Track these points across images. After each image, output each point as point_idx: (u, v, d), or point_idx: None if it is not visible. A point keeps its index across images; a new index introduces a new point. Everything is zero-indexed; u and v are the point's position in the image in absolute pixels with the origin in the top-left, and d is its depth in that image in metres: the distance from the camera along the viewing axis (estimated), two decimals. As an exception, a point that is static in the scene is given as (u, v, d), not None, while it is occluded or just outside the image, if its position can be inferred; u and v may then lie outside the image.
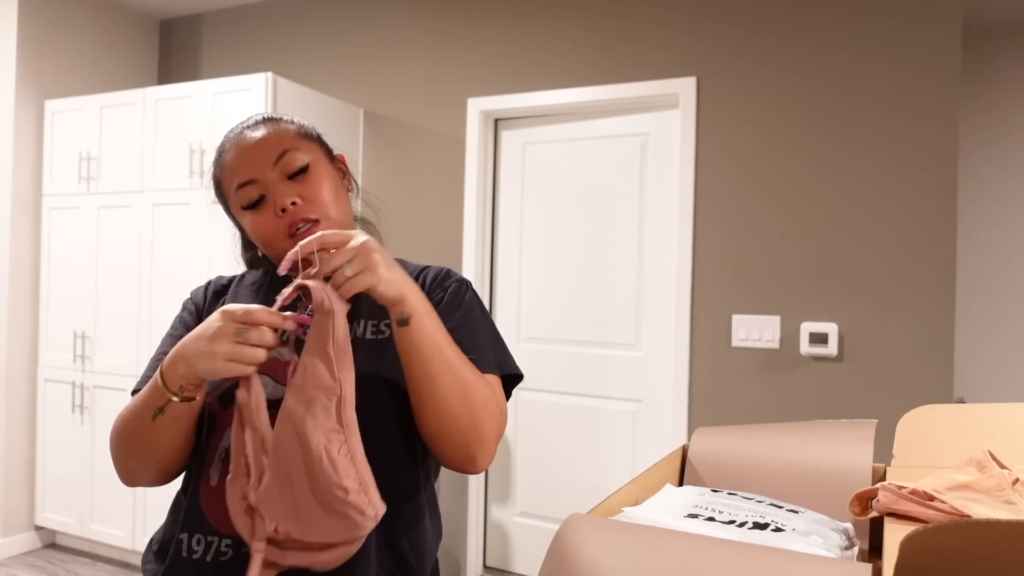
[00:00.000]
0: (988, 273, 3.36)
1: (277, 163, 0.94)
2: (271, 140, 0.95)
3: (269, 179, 0.94)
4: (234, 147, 0.97)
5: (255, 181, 0.94)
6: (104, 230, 3.15)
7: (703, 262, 2.65)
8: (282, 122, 1.00)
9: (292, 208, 0.92)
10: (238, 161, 0.95)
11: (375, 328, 0.94)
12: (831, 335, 2.44)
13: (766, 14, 2.57)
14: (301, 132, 1.00)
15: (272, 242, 0.94)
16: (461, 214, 3.06)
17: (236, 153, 0.96)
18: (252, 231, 0.96)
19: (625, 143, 2.86)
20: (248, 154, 0.95)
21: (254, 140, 0.96)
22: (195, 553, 0.87)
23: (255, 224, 0.95)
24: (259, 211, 0.94)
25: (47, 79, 3.33)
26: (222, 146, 1.00)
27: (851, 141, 2.45)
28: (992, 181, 3.37)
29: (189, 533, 0.88)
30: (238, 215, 0.98)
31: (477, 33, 3.06)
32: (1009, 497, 0.69)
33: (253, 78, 2.84)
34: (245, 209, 0.95)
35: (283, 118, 1.01)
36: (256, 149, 0.95)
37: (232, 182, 0.96)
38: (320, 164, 0.97)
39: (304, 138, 0.99)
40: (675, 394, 2.67)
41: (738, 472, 0.97)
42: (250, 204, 0.94)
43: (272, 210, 0.93)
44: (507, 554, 3.05)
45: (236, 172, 0.95)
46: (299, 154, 0.95)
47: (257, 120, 1.00)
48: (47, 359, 3.27)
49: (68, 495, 3.22)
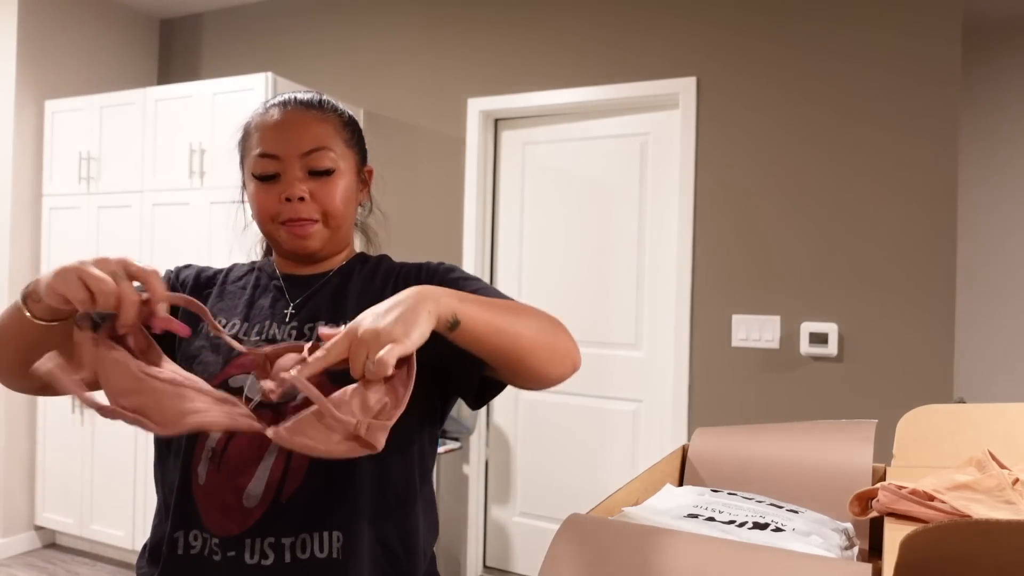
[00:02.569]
0: (988, 273, 3.36)
1: (307, 155, 0.94)
2: (313, 132, 0.95)
3: (291, 165, 0.94)
4: (279, 115, 0.96)
5: (278, 159, 0.94)
6: (104, 230, 3.15)
7: (703, 262, 2.65)
8: (334, 116, 0.99)
9: (298, 202, 0.93)
10: (274, 131, 0.95)
11: None
12: (831, 335, 2.44)
13: (766, 14, 2.57)
14: (345, 137, 0.99)
15: (265, 219, 0.96)
16: (461, 214, 3.06)
17: (276, 123, 0.95)
18: (252, 198, 0.97)
19: (625, 143, 2.86)
20: (285, 130, 0.95)
21: (299, 120, 0.95)
22: (192, 549, 0.87)
23: (258, 194, 0.95)
24: (268, 185, 0.95)
25: (47, 79, 3.33)
26: (270, 104, 0.99)
27: (851, 141, 2.45)
28: (992, 181, 3.36)
29: (184, 531, 0.87)
30: (248, 177, 0.98)
31: (477, 33, 3.06)
32: (1009, 497, 0.69)
33: (253, 78, 2.84)
34: (255, 176, 0.95)
35: (338, 111, 1.00)
36: (295, 131, 0.94)
37: (258, 146, 0.95)
38: (345, 174, 0.97)
39: (345, 143, 0.99)
40: (675, 394, 2.67)
41: (738, 472, 0.97)
42: (263, 176, 0.95)
43: (279, 191, 0.94)
44: (507, 554, 3.05)
45: (265, 140, 0.95)
46: (331, 155, 0.95)
47: (314, 100, 0.99)
48: (47, 359, 3.27)
49: (68, 495, 3.22)
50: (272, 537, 0.85)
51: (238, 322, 0.96)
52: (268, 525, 0.85)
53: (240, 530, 0.85)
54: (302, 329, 0.94)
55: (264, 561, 0.85)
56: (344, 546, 0.87)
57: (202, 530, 0.87)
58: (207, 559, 0.86)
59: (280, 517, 0.86)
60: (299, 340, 0.91)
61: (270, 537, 0.85)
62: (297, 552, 0.86)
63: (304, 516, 0.86)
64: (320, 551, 0.86)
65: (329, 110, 0.99)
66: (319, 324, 0.94)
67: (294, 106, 0.97)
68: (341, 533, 0.87)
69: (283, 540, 0.85)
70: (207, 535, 0.86)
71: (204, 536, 0.86)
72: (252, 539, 0.85)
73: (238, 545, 0.85)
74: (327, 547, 0.87)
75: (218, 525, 0.85)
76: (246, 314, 0.97)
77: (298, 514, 0.86)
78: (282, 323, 0.95)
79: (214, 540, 0.86)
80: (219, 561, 0.85)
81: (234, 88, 2.87)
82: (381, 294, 0.96)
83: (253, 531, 0.85)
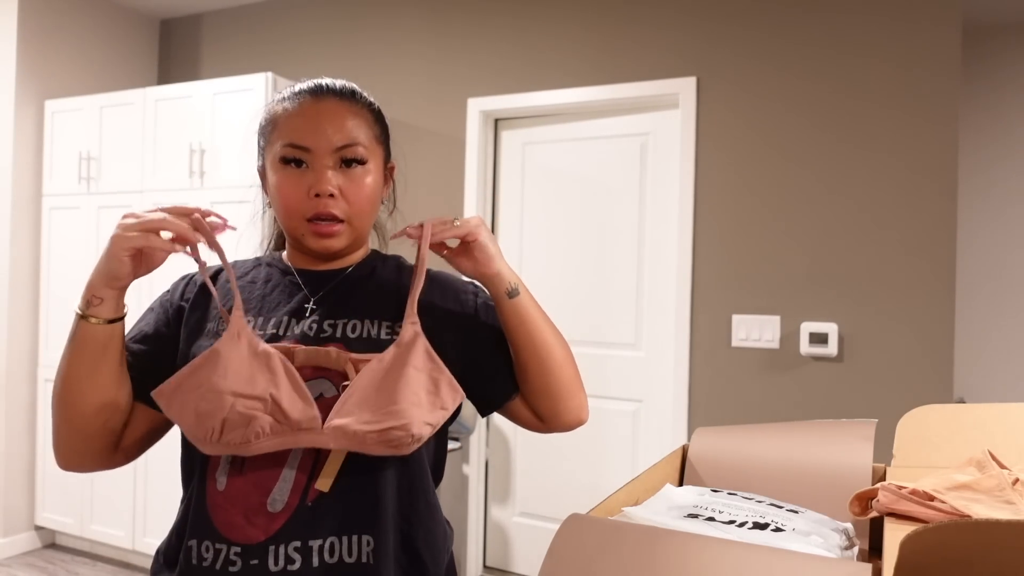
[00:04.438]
0: (988, 273, 3.36)
1: (339, 150, 0.90)
2: (348, 127, 0.91)
3: (323, 159, 0.90)
4: (311, 104, 0.92)
5: (309, 151, 0.89)
6: (104, 230, 3.15)
7: (703, 262, 2.65)
8: (367, 111, 0.95)
9: (328, 199, 0.89)
10: (305, 123, 0.90)
11: (389, 329, 0.92)
12: (831, 335, 2.44)
13: (766, 14, 2.57)
14: (376, 132, 0.96)
15: (290, 214, 0.91)
16: (461, 214, 3.06)
17: (309, 114, 0.91)
18: (276, 188, 0.92)
19: (625, 143, 2.86)
20: (318, 123, 0.90)
21: (333, 112, 0.91)
22: (205, 560, 0.84)
23: (283, 185, 0.90)
24: (294, 175, 0.90)
25: (47, 79, 3.33)
26: (301, 90, 0.94)
27: (851, 141, 2.45)
28: (992, 181, 3.37)
29: (198, 540, 0.85)
30: (271, 166, 0.93)
31: (477, 33, 3.06)
32: (1009, 497, 0.69)
33: (253, 78, 2.84)
34: (282, 162, 0.91)
35: (371, 104, 0.98)
36: (330, 124, 0.90)
37: (287, 136, 0.90)
38: (373, 172, 0.94)
39: (376, 139, 0.95)
40: (675, 394, 2.67)
41: (738, 472, 0.97)
42: (292, 160, 0.90)
43: (308, 184, 0.89)
44: (507, 554, 3.05)
45: (296, 131, 0.90)
46: (362, 151, 0.92)
47: (346, 90, 0.95)
48: (47, 359, 3.27)
49: (68, 495, 3.22)
50: (298, 541, 0.83)
51: (251, 318, 0.93)
52: (294, 530, 0.83)
53: (265, 536, 0.83)
54: (323, 324, 0.91)
55: (290, 566, 0.82)
56: (375, 550, 0.85)
57: (217, 540, 0.84)
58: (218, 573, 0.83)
59: (307, 521, 0.83)
60: (320, 335, 0.91)
61: (296, 542, 0.83)
62: (325, 556, 0.84)
63: (333, 520, 0.84)
64: (349, 556, 0.85)
65: (363, 103, 0.96)
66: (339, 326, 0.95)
67: (327, 95, 0.92)
68: (371, 537, 0.85)
69: (311, 543, 0.83)
70: (223, 544, 0.83)
71: (218, 547, 0.84)
72: (277, 545, 0.82)
73: (261, 552, 0.82)
74: (356, 551, 0.85)
75: (240, 532, 0.83)
76: (259, 307, 0.94)
77: (326, 518, 0.84)
78: (302, 318, 0.92)
79: (234, 549, 0.83)
80: (238, 571, 0.82)
81: (234, 88, 2.87)
82: (398, 293, 0.95)
83: (278, 537, 0.83)
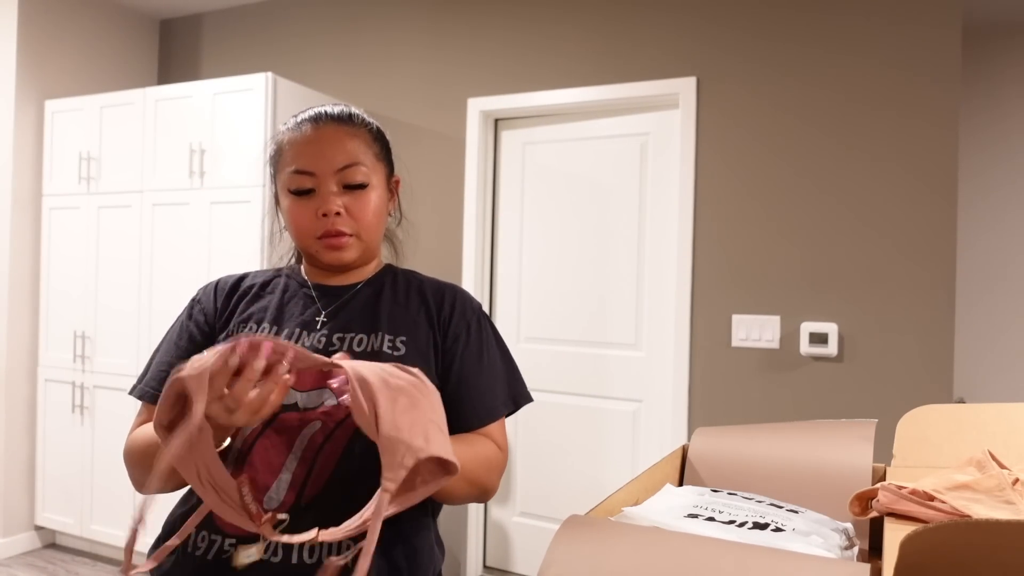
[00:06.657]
0: (988, 273, 3.36)
1: (341, 171, 0.97)
2: (348, 148, 0.97)
3: (326, 180, 0.96)
4: (311, 130, 0.98)
5: (313, 175, 0.96)
6: (104, 230, 3.15)
7: (703, 262, 2.65)
8: (364, 131, 1.01)
9: (335, 217, 0.96)
10: (307, 147, 0.97)
11: (391, 343, 0.96)
12: (831, 335, 2.44)
13: (766, 15, 2.57)
14: (375, 150, 1.02)
15: (303, 235, 0.98)
16: (461, 214, 3.06)
17: (310, 139, 0.97)
18: (289, 215, 0.99)
19: (625, 143, 2.86)
20: (319, 148, 0.97)
21: (332, 136, 0.97)
22: (198, 550, 0.89)
23: (294, 210, 0.98)
24: (303, 201, 0.97)
25: (47, 79, 3.33)
26: (302, 119, 1.00)
27: (851, 142, 2.45)
28: (992, 182, 3.36)
29: (195, 529, 0.90)
30: (282, 192, 1.01)
31: (477, 33, 3.06)
32: (1009, 497, 0.68)
33: (253, 78, 2.84)
34: (292, 192, 0.98)
35: (368, 124, 1.03)
36: (330, 147, 0.97)
37: (293, 163, 0.97)
38: (377, 188, 1.01)
39: (375, 157, 1.01)
40: (675, 394, 2.67)
41: (738, 472, 0.97)
42: (299, 191, 0.97)
43: (315, 206, 0.96)
44: (507, 554, 3.05)
45: (300, 157, 0.97)
46: (364, 170, 0.98)
47: (344, 114, 1.01)
48: (47, 359, 3.27)
49: (68, 495, 3.22)
50: None
51: (268, 326, 0.99)
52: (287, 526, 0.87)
53: None
54: (331, 338, 0.96)
55: (273, 559, 0.86)
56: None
57: (213, 531, 0.89)
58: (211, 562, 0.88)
59: (299, 520, 0.87)
60: (328, 348, 0.95)
61: None
62: (304, 557, 0.87)
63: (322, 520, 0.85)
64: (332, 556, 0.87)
65: (360, 124, 1.01)
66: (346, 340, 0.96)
67: (326, 121, 0.99)
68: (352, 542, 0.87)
69: None
70: (218, 536, 0.89)
71: (213, 537, 0.89)
72: None
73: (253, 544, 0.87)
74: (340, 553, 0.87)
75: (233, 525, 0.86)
76: (275, 317, 1.00)
77: (317, 518, 0.87)
78: (312, 331, 0.97)
79: (228, 540, 0.88)
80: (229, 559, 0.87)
81: (234, 88, 2.87)
82: (407, 309, 1.00)
83: None
